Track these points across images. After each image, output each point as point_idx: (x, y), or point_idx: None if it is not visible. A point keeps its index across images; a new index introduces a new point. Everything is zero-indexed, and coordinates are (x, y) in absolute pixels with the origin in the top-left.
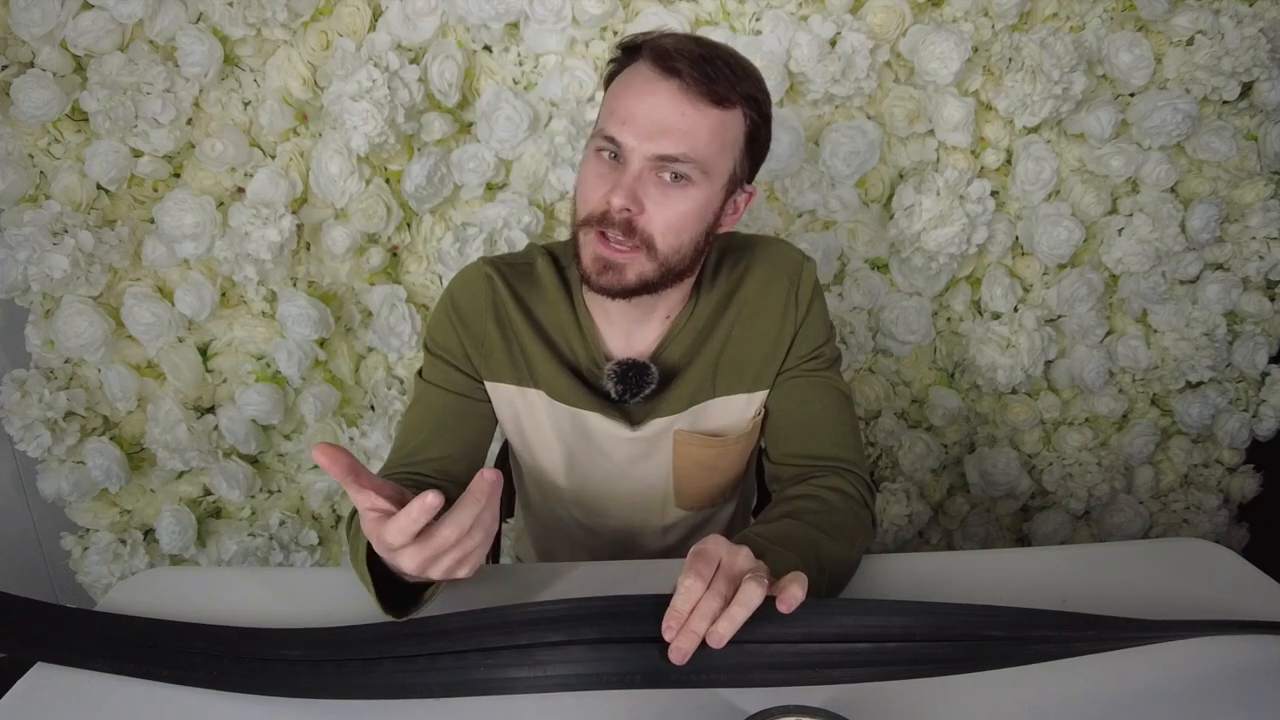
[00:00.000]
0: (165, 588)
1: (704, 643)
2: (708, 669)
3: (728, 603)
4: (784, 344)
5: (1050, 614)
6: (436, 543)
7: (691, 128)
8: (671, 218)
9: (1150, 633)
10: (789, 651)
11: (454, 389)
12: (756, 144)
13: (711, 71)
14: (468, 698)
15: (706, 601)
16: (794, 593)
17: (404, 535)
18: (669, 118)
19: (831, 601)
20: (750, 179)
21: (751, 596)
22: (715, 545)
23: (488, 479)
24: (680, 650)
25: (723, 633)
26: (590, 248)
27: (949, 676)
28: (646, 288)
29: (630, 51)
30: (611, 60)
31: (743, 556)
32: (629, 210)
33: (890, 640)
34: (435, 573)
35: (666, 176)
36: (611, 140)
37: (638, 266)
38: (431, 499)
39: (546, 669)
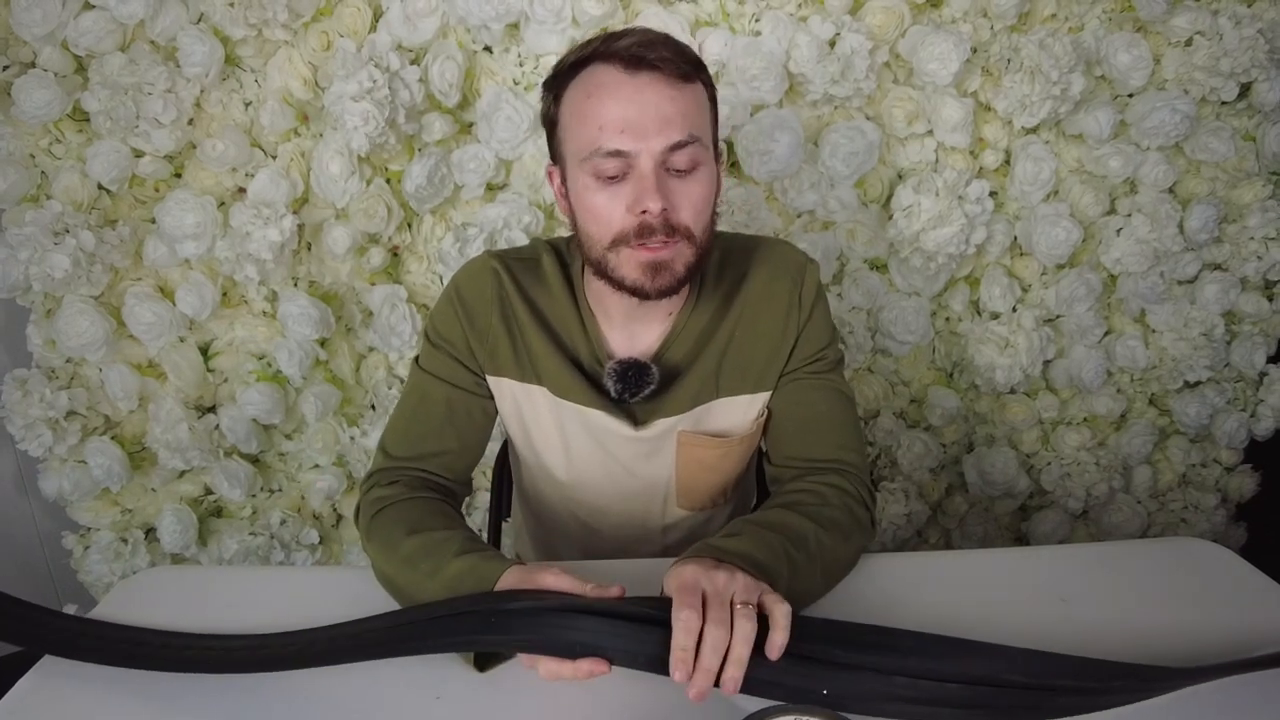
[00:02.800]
0: (166, 587)
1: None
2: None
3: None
4: (787, 345)
5: (1075, 661)
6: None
7: (683, 108)
8: (697, 202)
9: (1183, 680)
10: (789, 668)
11: (456, 382)
12: (715, 107)
13: (672, 53)
14: (468, 686)
15: (712, 633)
16: (776, 640)
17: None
18: (663, 106)
19: (847, 625)
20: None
21: (749, 631)
22: (692, 575)
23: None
24: (700, 690)
25: (736, 676)
26: (633, 259)
27: None
28: (691, 275)
29: (572, 69)
30: (547, 87)
31: (722, 574)
32: (666, 211)
33: (904, 675)
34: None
35: (678, 166)
36: (615, 154)
37: (683, 257)
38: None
39: (545, 632)
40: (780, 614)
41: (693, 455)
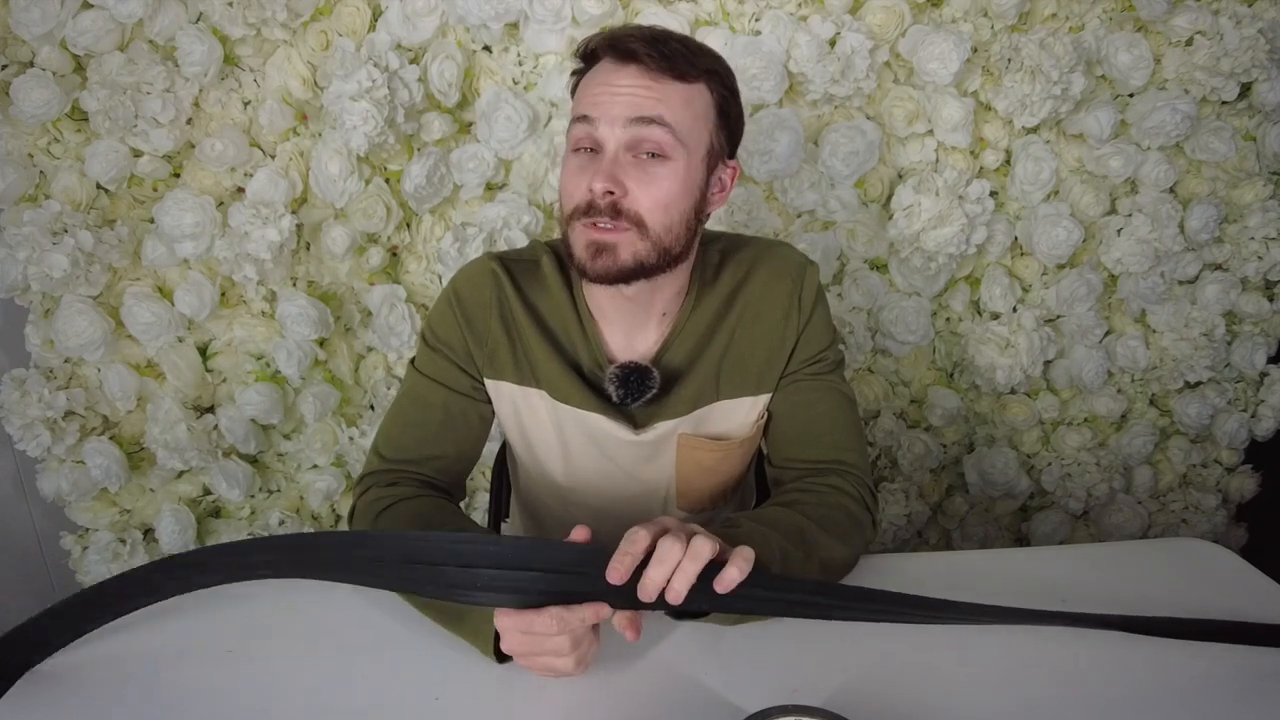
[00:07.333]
0: None
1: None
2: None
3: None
4: (787, 347)
5: (1051, 614)
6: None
7: (660, 96)
8: (657, 194)
9: (1154, 633)
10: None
11: (452, 386)
12: (728, 117)
13: (666, 50)
14: (468, 687)
15: (664, 545)
16: (730, 575)
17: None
18: (637, 92)
19: (796, 581)
20: (731, 154)
21: (702, 549)
22: (668, 518)
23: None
24: (653, 581)
25: (679, 589)
26: (580, 237)
27: (947, 672)
28: (643, 270)
29: (590, 57)
30: (575, 71)
31: (694, 526)
32: (612, 192)
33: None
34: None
35: (645, 154)
36: (584, 119)
37: (630, 246)
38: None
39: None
40: (746, 554)
41: (692, 458)
